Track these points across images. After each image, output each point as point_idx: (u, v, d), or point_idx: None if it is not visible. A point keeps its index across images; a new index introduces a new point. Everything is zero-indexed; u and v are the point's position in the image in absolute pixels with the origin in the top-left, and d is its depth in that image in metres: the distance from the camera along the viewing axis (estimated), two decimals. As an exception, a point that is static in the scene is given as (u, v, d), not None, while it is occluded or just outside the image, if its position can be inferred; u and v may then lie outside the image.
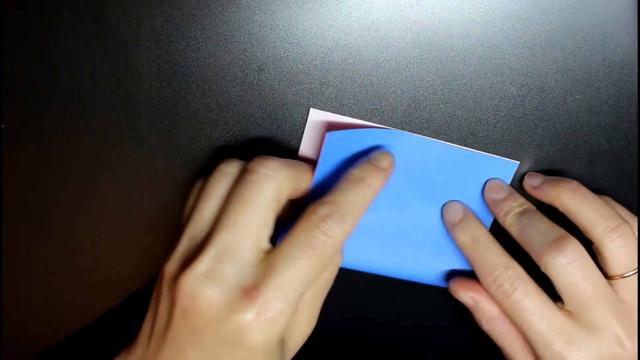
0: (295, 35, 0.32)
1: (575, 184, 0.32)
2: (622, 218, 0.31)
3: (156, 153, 0.35)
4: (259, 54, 0.33)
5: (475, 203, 0.36)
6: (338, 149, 0.32)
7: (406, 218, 0.36)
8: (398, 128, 0.34)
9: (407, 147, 0.34)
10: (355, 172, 0.30)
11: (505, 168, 0.35)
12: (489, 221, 0.36)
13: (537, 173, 0.34)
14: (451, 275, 0.38)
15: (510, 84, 0.33)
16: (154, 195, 0.36)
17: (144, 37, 0.32)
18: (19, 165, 0.35)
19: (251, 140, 0.34)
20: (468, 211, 0.35)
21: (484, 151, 0.35)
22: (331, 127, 0.34)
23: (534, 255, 0.31)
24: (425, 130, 0.34)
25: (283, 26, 0.32)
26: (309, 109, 0.33)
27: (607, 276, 0.31)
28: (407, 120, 0.34)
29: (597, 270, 0.31)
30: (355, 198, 0.30)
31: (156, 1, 0.32)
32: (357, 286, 0.39)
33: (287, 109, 0.34)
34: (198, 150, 0.35)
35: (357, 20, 0.32)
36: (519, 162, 0.35)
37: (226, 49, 0.33)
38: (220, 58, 0.33)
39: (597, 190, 0.36)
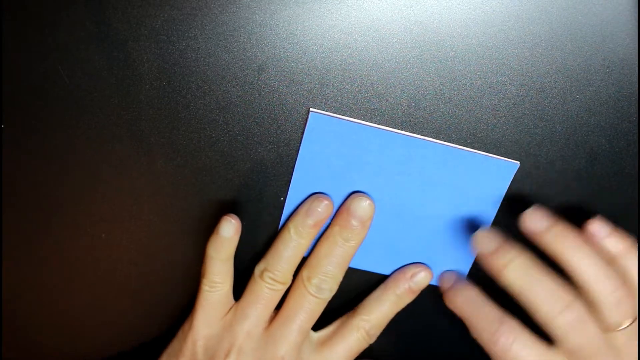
0: (295, 35, 0.32)
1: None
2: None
3: (156, 153, 0.35)
4: (259, 54, 0.33)
5: (475, 205, 0.36)
6: (324, 134, 0.33)
7: (405, 219, 0.36)
8: (398, 128, 0.34)
9: (406, 148, 0.34)
10: (335, 230, 0.34)
11: (506, 169, 0.35)
12: (489, 221, 0.36)
13: (539, 210, 0.32)
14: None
15: (510, 84, 0.33)
16: (154, 195, 0.36)
17: (144, 37, 0.32)
18: (19, 165, 0.35)
19: (251, 141, 0.34)
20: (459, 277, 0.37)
21: (484, 151, 0.35)
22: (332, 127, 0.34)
23: (540, 316, 0.31)
24: (425, 130, 0.34)
25: (283, 26, 0.32)
26: (309, 109, 0.33)
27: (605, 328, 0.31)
28: (407, 120, 0.34)
29: (596, 327, 0.30)
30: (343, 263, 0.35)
31: (156, 1, 0.32)
32: (355, 286, 0.39)
33: (287, 109, 0.34)
34: (198, 150, 0.35)
35: (357, 20, 0.32)
36: (519, 163, 0.35)
37: (226, 49, 0.33)
38: (220, 58, 0.33)
39: (597, 190, 0.36)
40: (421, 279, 0.37)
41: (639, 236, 0.37)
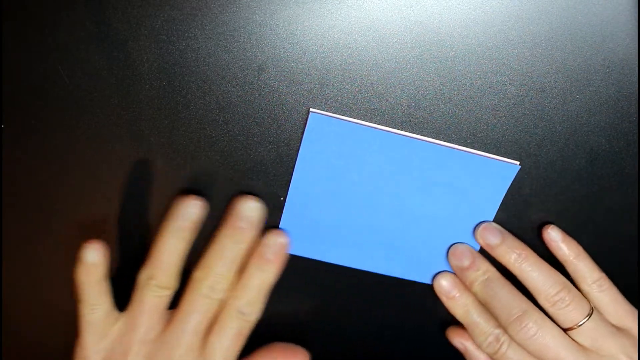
0: (295, 35, 0.32)
1: (525, 253, 0.36)
2: (562, 283, 0.35)
3: (156, 153, 0.35)
4: (259, 54, 0.33)
5: (474, 205, 0.36)
6: (324, 134, 0.33)
7: (405, 219, 0.36)
8: (398, 128, 0.34)
9: (406, 149, 0.34)
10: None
11: (506, 170, 0.35)
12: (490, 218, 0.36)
13: (495, 228, 0.36)
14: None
15: (510, 84, 0.33)
16: (154, 195, 0.36)
17: (144, 37, 0.32)
18: (19, 165, 0.35)
19: (251, 140, 0.34)
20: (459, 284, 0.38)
21: (484, 151, 0.35)
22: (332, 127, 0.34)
23: (501, 323, 0.36)
24: (425, 130, 0.34)
25: (283, 26, 0.32)
26: (309, 110, 0.33)
27: (565, 328, 0.35)
28: (407, 120, 0.34)
29: (558, 332, 0.35)
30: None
31: (156, 1, 0.32)
32: (354, 286, 0.39)
33: (287, 109, 0.34)
34: (198, 150, 0.35)
35: (357, 20, 0.32)
36: (519, 165, 0.35)
37: (226, 49, 0.33)
38: (220, 58, 0.33)
39: (597, 190, 0.36)
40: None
41: (639, 236, 0.38)
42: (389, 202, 0.35)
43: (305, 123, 0.34)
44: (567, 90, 0.34)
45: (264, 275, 0.35)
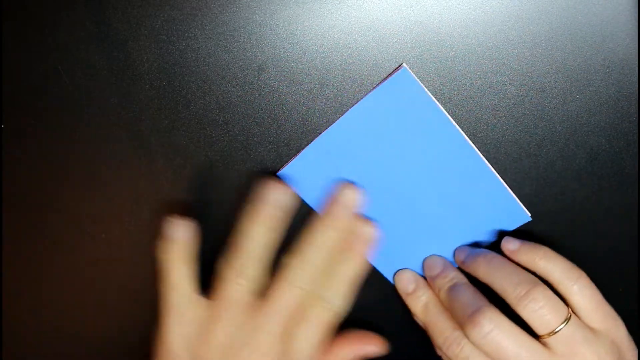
0: (295, 35, 0.32)
1: (490, 256, 0.34)
2: (533, 282, 0.32)
3: (156, 153, 0.35)
4: (259, 54, 0.33)
5: (475, 226, 0.36)
6: (397, 95, 0.33)
7: (408, 210, 0.36)
8: (398, 128, 0.34)
9: (457, 149, 0.34)
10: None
11: (517, 215, 0.35)
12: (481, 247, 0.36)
13: (464, 247, 0.36)
14: None
15: (510, 84, 0.33)
16: (154, 195, 0.36)
17: (144, 37, 0.32)
18: (19, 165, 0.35)
19: (251, 140, 0.34)
20: (420, 280, 0.37)
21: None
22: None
23: (458, 324, 0.33)
24: (425, 130, 0.34)
25: (283, 26, 0.32)
26: (402, 64, 0.33)
27: (540, 335, 0.32)
28: (407, 120, 0.34)
29: (519, 332, 0.32)
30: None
31: (156, 1, 0.32)
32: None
33: (287, 109, 0.34)
34: (198, 150, 0.35)
35: (357, 20, 0.32)
36: (531, 218, 0.35)
37: (226, 49, 0.33)
38: (220, 58, 0.33)
39: (597, 190, 0.36)
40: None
41: (639, 236, 0.37)
42: (404, 189, 0.35)
43: (305, 123, 0.34)
44: (567, 90, 0.34)
45: (354, 266, 0.34)
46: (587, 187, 0.36)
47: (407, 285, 0.37)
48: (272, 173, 0.35)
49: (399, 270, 0.37)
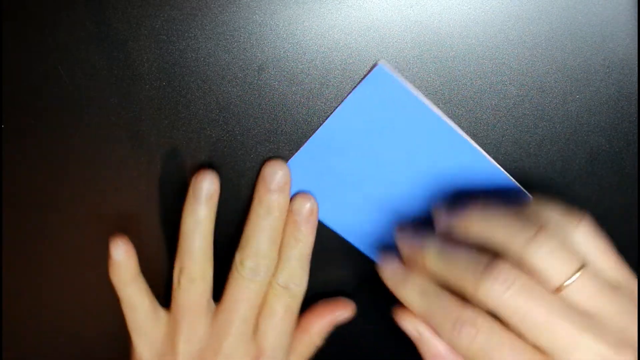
0: (295, 35, 0.32)
1: (481, 204, 0.29)
2: (536, 225, 0.26)
3: (156, 153, 0.35)
4: (259, 54, 0.33)
5: None
6: (378, 92, 0.32)
7: (403, 203, 0.36)
8: (398, 128, 0.34)
9: (447, 141, 0.34)
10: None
11: (517, 197, 0.35)
12: None
13: (440, 207, 0.31)
14: None
15: (510, 84, 0.33)
16: (154, 195, 0.36)
17: (144, 37, 0.32)
18: (19, 165, 0.35)
19: (251, 140, 0.34)
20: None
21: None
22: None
23: (467, 291, 0.27)
24: (425, 130, 0.34)
25: (283, 26, 0.32)
26: (378, 61, 0.32)
27: (552, 288, 0.26)
28: (407, 120, 0.34)
29: (537, 285, 0.25)
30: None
31: (156, 1, 0.32)
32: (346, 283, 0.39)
33: (287, 109, 0.34)
34: (198, 150, 0.35)
35: (357, 20, 0.32)
36: (532, 198, 0.35)
37: (226, 49, 0.33)
38: (220, 58, 0.33)
39: (597, 190, 0.36)
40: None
41: (639, 236, 0.38)
42: (400, 184, 0.35)
43: (304, 123, 0.34)
44: (567, 90, 0.34)
45: (300, 244, 0.33)
46: (587, 187, 0.36)
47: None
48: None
49: (382, 262, 0.33)
